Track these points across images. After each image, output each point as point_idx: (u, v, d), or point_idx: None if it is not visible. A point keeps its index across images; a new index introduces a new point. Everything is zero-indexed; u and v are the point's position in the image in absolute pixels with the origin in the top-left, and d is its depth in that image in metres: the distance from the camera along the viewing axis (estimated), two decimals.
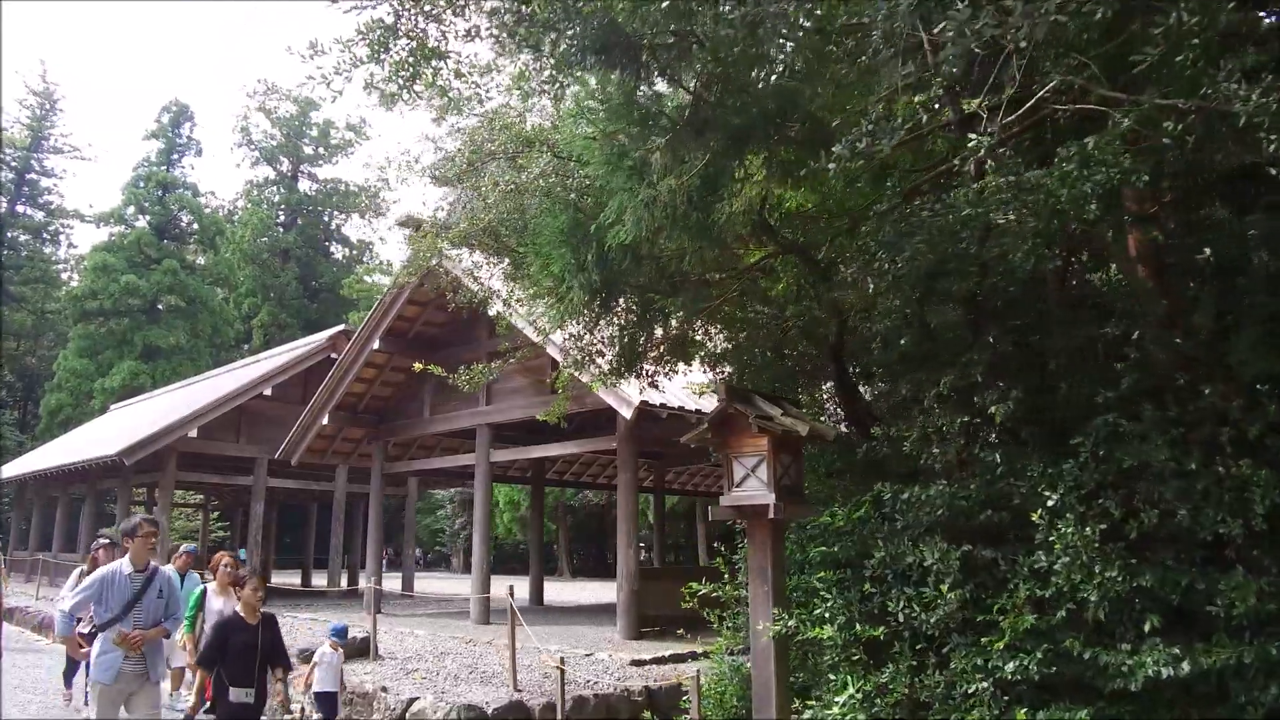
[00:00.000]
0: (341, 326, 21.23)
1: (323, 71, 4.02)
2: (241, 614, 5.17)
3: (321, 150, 52.35)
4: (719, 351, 7.49)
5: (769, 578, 5.37)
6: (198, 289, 38.11)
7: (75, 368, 35.50)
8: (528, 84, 4.77)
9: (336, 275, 51.53)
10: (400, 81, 4.07)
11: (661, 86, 5.04)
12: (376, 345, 14.10)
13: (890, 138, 3.43)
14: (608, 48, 4.39)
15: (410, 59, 4.00)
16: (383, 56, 3.93)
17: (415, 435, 15.61)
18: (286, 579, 25.53)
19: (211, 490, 26.19)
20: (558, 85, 4.25)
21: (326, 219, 52.97)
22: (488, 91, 5.06)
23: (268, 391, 18.32)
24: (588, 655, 9.58)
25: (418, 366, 8.60)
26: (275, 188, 51.18)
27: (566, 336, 7.29)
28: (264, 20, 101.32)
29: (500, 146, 6.05)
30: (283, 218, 50.72)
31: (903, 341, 4.81)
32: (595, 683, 8.12)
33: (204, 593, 6.93)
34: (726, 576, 6.20)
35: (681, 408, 10.02)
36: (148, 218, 39.05)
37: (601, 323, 6.66)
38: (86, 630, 5.06)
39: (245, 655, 4.95)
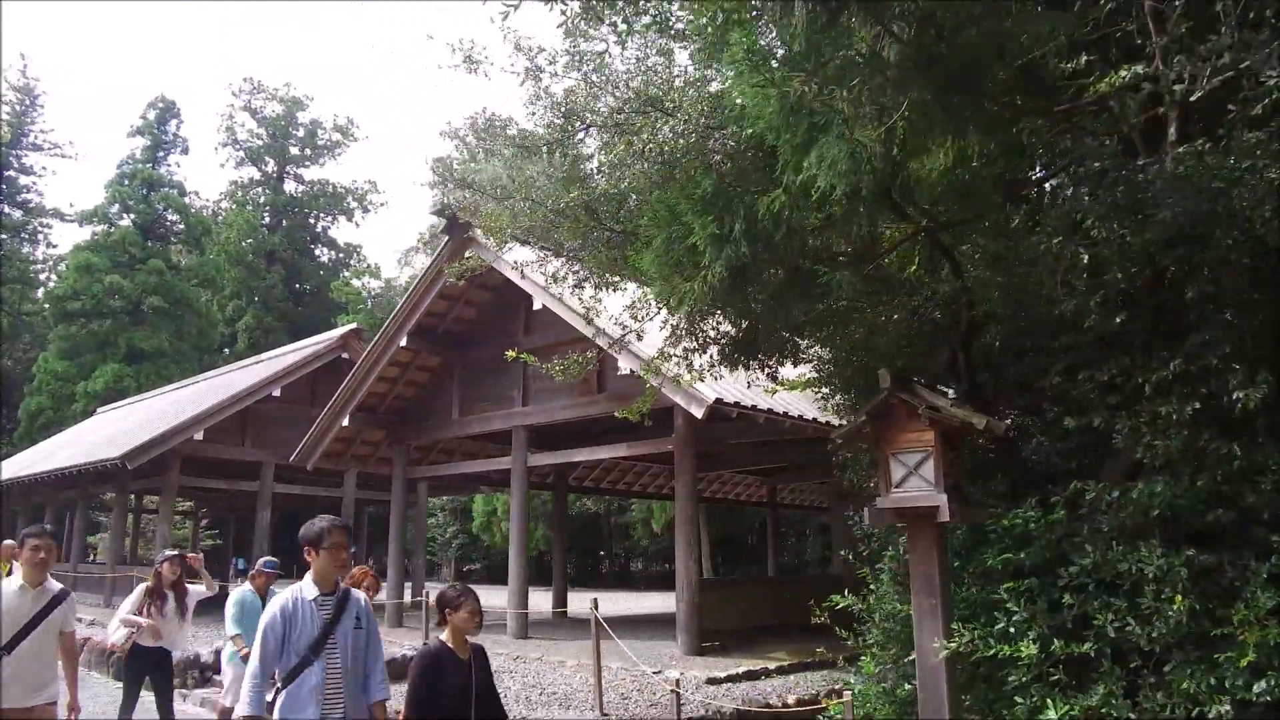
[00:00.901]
0: (352, 325, 20.50)
1: None
2: (451, 646, 3.84)
3: (308, 151, 51.43)
4: (822, 340, 6.94)
5: (937, 588, 4.78)
6: (183, 290, 36.90)
7: (56, 370, 34.24)
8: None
9: (323, 278, 50.57)
10: None
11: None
12: (403, 342, 13.38)
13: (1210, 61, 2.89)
14: None
15: None
16: None
17: (442, 437, 14.88)
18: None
19: (204, 496, 25.19)
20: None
21: (312, 221, 52.00)
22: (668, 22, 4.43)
23: (276, 392, 17.52)
24: (657, 673, 8.93)
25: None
26: (261, 189, 50.17)
27: (664, 324, 6.71)
28: (251, 18, 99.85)
29: (622, 103, 5.43)
30: (268, 219, 49.70)
31: (1119, 320, 4.26)
32: (682, 703, 7.49)
33: None
34: (871, 587, 5.60)
35: (754, 406, 9.42)
36: (132, 216, 37.78)
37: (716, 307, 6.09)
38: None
39: (454, 702, 3.68)
